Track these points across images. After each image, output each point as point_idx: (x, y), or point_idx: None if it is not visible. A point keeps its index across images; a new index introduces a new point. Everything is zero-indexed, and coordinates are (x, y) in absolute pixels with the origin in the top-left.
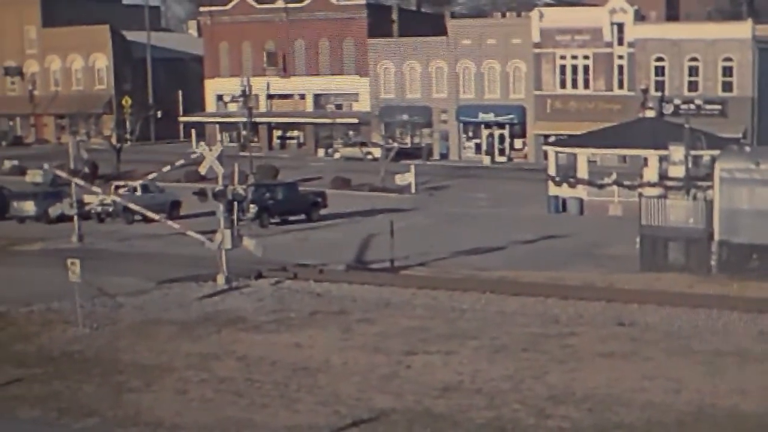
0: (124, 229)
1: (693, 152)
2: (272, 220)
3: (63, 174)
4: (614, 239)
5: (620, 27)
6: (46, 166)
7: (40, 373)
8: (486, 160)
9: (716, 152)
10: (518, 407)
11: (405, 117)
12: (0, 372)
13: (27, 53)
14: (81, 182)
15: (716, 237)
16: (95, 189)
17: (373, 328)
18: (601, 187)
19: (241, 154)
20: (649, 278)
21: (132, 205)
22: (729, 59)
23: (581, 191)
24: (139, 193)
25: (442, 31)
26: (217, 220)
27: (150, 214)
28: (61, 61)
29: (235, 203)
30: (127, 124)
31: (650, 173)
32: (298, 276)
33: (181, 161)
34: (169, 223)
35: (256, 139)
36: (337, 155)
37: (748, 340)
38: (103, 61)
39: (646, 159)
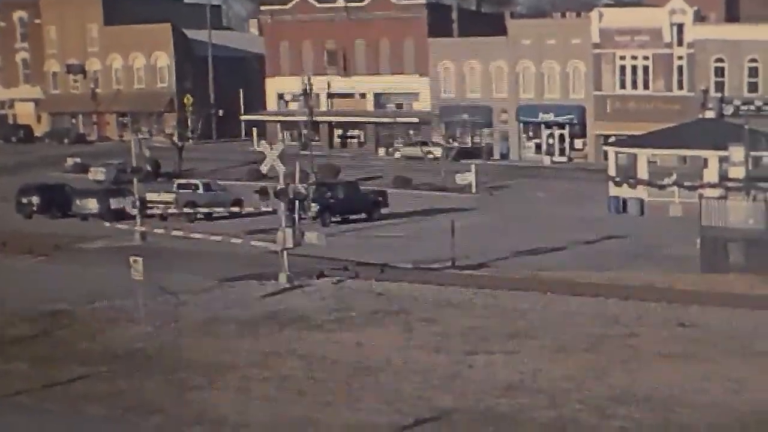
0: (186, 227)
1: (753, 153)
2: (333, 219)
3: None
4: (674, 240)
5: (680, 27)
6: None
7: (104, 370)
8: (546, 160)
9: None
10: (580, 407)
11: (465, 116)
12: (65, 370)
13: (89, 51)
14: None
15: None
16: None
17: (434, 328)
18: (661, 187)
19: (302, 152)
20: (709, 279)
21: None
22: None
23: (642, 192)
24: (200, 191)
25: (502, 31)
26: (279, 218)
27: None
28: (123, 59)
29: (297, 202)
30: (189, 122)
31: (710, 174)
32: (360, 275)
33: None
34: (233, 240)
35: (317, 138)
36: (397, 154)
37: None
38: (164, 60)
39: (706, 160)
